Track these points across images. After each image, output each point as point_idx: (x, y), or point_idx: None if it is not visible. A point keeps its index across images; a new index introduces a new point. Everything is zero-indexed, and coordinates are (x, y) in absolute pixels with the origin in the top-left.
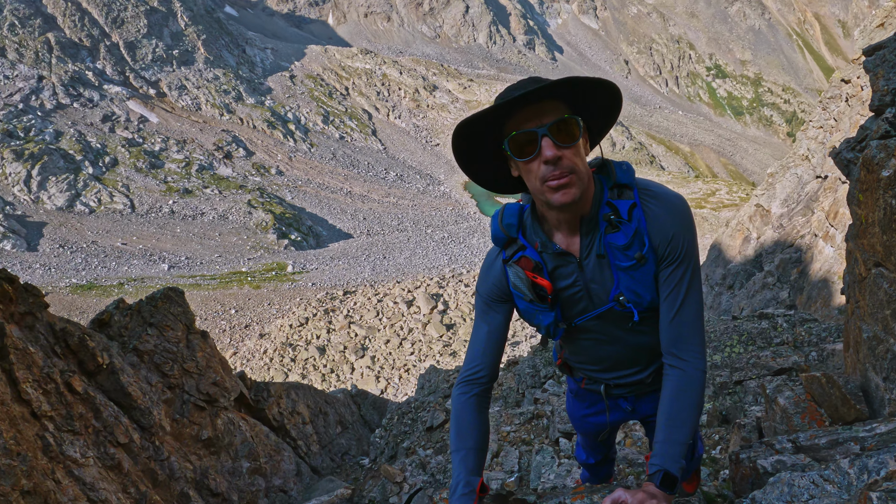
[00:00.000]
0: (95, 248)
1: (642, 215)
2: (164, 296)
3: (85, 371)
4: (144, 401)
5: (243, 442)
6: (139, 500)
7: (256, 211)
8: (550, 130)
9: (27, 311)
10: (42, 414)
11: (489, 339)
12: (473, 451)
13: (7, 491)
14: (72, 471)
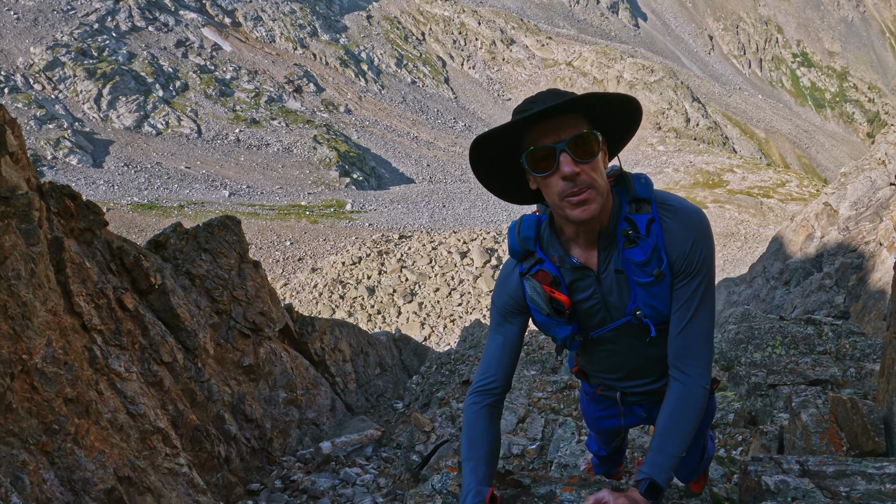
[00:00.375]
0: (159, 170)
1: (660, 230)
2: (221, 223)
3: (137, 289)
4: (192, 323)
5: (283, 372)
6: (176, 418)
7: (321, 147)
8: (569, 146)
9: (87, 227)
10: (92, 327)
11: (503, 351)
12: (484, 461)
13: (51, 397)
14: (115, 383)
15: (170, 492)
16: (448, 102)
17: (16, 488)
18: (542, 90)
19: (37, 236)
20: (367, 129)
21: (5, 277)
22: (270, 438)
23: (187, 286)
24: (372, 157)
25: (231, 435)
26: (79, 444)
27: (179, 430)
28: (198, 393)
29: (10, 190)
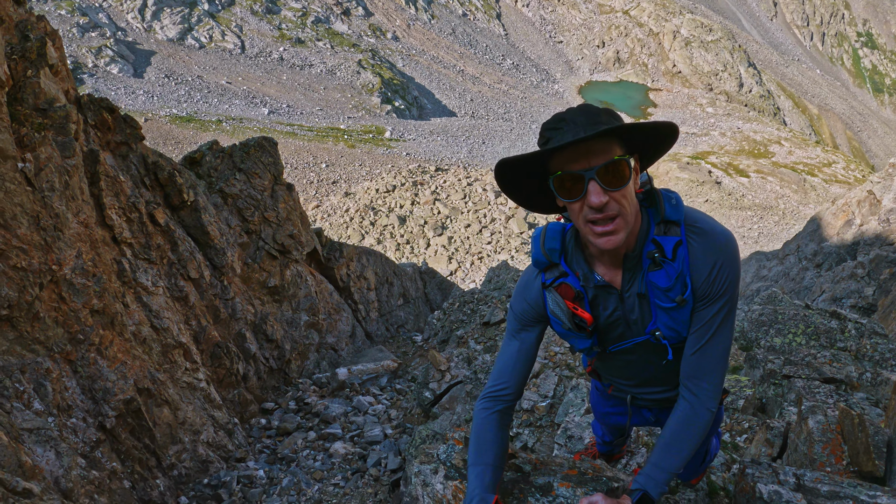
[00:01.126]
0: (200, 83)
1: (686, 254)
2: (258, 144)
3: (169, 205)
4: (221, 241)
5: (307, 296)
6: (198, 333)
7: (365, 72)
8: (599, 174)
9: (123, 141)
10: (122, 240)
11: (518, 358)
12: (491, 467)
13: (78, 308)
14: (141, 297)
15: (186, 405)
16: (498, 39)
17: (38, 395)
18: (576, 107)
19: (73, 149)
20: (413, 58)
21: (39, 189)
22: (289, 360)
23: (219, 204)
24: (415, 86)
25: (251, 353)
26: (102, 354)
27: (201, 346)
28: (221, 310)
29: (48, 102)
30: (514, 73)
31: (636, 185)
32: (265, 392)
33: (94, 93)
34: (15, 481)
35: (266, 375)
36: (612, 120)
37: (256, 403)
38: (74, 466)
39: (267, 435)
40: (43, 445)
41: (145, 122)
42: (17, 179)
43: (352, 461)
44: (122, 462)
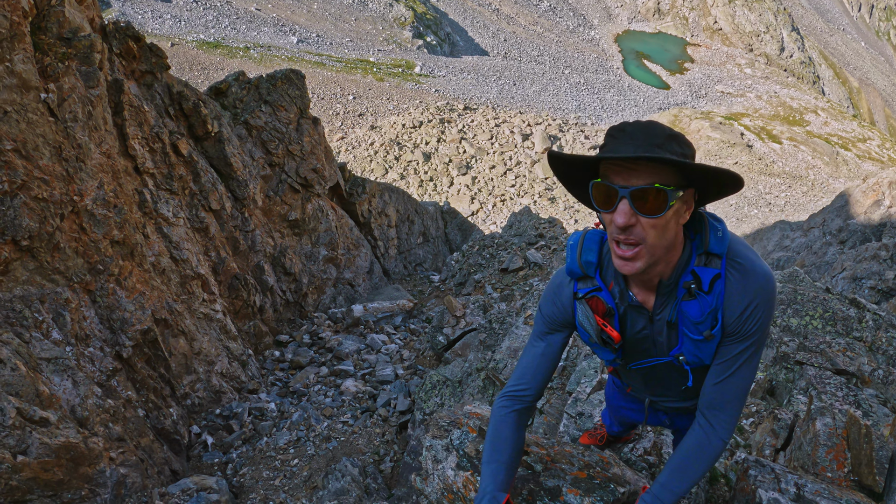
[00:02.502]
0: (228, 9)
1: (723, 289)
2: (285, 76)
3: (193, 135)
4: (244, 173)
5: (327, 230)
6: (217, 264)
7: (398, 5)
8: (633, 195)
9: (148, 70)
10: (145, 171)
11: (542, 361)
12: (505, 465)
13: (98, 238)
14: (161, 228)
15: (202, 336)
16: None
17: (57, 324)
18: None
19: (96, 79)
20: None
21: (62, 120)
22: (305, 294)
23: (243, 136)
24: (449, 22)
25: (268, 286)
26: (121, 284)
27: (219, 277)
28: (241, 242)
29: (72, 31)
30: (550, 16)
31: (682, 218)
32: (280, 324)
33: (120, 17)
34: (32, 410)
35: (282, 308)
36: (673, 147)
37: (271, 335)
38: (90, 395)
39: (280, 368)
40: (60, 375)
41: (172, 47)
42: (39, 110)
43: (362, 400)
44: (136, 391)
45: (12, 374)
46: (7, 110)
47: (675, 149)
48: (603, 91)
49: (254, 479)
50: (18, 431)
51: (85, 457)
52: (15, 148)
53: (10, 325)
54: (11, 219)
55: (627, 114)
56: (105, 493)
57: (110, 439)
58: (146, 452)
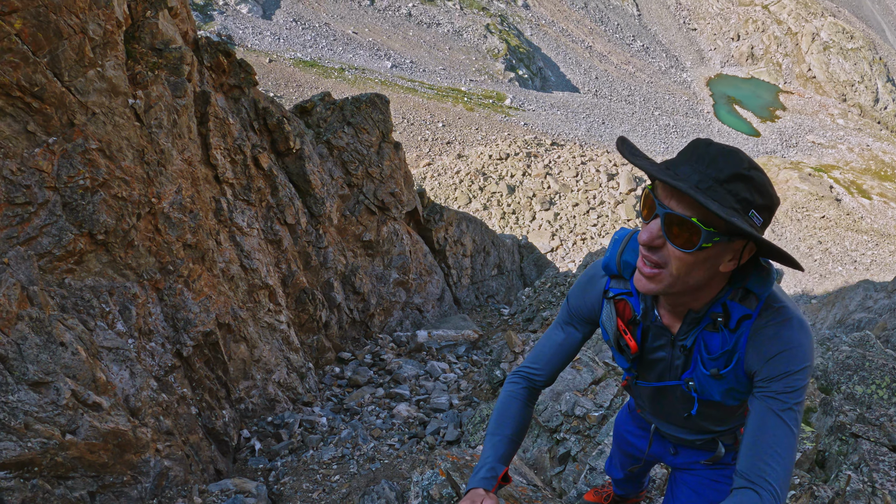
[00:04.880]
0: (326, 31)
1: (748, 331)
2: (370, 100)
3: (275, 150)
4: (321, 191)
5: (400, 254)
6: (287, 277)
7: (492, 37)
8: (667, 219)
9: (236, 84)
10: (224, 180)
11: (559, 351)
12: (507, 439)
13: (171, 241)
14: (234, 236)
15: (264, 344)
16: (630, 18)
17: (122, 317)
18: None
19: (184, 89)
20: (542, 28)
21: (147, 125)
22: (372, 314)
23: (325, 155)
24: (541, 57)
25: (336, 303)
26: (189, 286)
27: (287, 290)
28: (313, 257)
29: (164, 43)
30: (642, 56)
31: (723, 265)
32: (344, 342)
33: (222, 30)
34: (87, 394)
35: (348, 326)
36: (738, 189)
37: (333, 351)
38: (146, 387)
39: (338, 384)
40: (119, 364)
41: (269, 63)
42: (126, 114)
43: (412, 425)
44: (192, 389)
45: (72, 357)
46: (95, 112)
47: (740, 191)
48: (691, 135)
49: (293, 489)
50: (70, 412)
51: (132, 444)
52: (99, 148)
53: (77, 311)
54: (90, 213)
55: None
56: (146, 481)
57: (159, 431)
58: (193, 449)
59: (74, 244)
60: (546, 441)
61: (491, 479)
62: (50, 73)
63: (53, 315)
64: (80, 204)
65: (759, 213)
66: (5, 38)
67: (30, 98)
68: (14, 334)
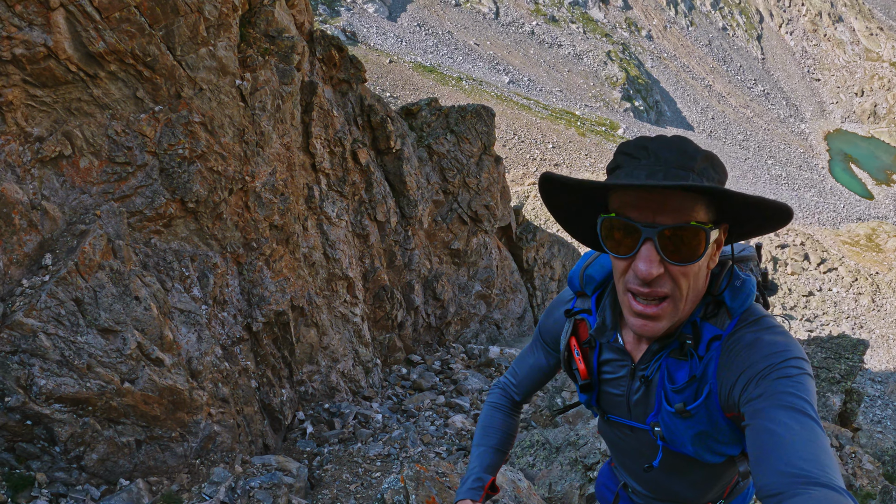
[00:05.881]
0: (449, 39)
1: (718, 356)
2: (476, 111)
3: (375, 148)
4: (416, 194)
5: (486, 267)
6: (368, 272)
7: (612, 64)
8: (661, 237)
9: (345, 79)
10: (320, 169)
11: (531, 374)
12: (492, 449)
13: (259, 219)
14: (322, 225)
15: (334, 333)
16: (753, 61)
17: (200, 283)
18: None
19: (291, 77)
20: (663, 61)
21: (251, 106)
22: (449, 322)
23: (424, 159)
24: (659, 90)
25: (414, 305)
26: (269, 265)
27: (367, 285)
28: (398, 257)
29: (277, 31)
30: (762, 101)
31: (712, 261)
32: (416, 345)
33: (347, 26)
34: (151, 349)
35: (422, 330)
36: (709, 171)
37: (404, 352)
38: (210, 353)
39: (402, 385)
40: (189, 327)
41: (389, 63)
42: (232, 94)
43: (464, 437)
44: (256, 363)
45: (144, 312)
46: (203, 88)
47: (711, 173)
48: (803, 189)
49: (333, 477)
50: (133, 362)
51: (185, 404)
52: (202, 122)
53: (157, 271)
54: (184, 181)
55: (824, 216)
56: (193, 441)
57: (215, 397)
58: (246, 420)
59: (165, 208)
60: (579, 478)
61: (478, 489)
62: (164, 46)
63: (134, 270)
64: (177, 172)
65: (724, 185)
66: (125, 8)
67: (142, 67)
68: (93, 281)
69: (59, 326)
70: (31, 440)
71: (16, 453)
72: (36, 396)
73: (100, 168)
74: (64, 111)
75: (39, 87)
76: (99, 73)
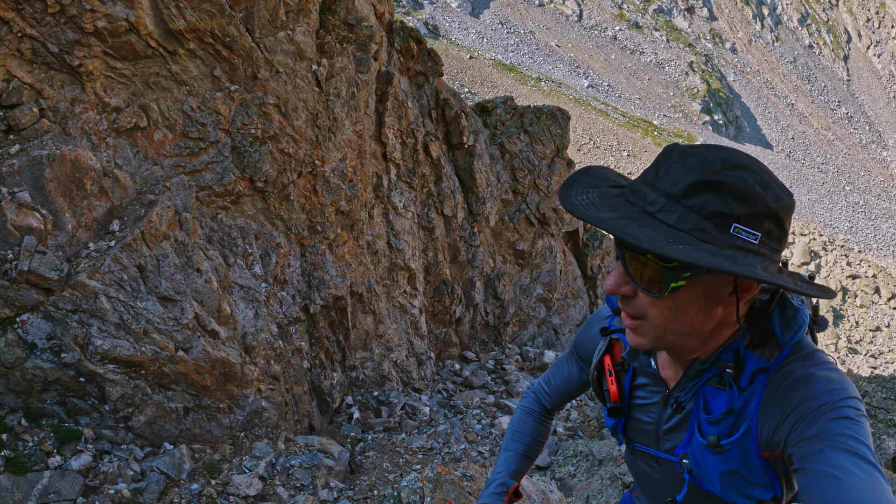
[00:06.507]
0: (530, 39)
1: (763, 388)
2: (551, 113)
3: (447, 142)
4: (485, 191)
5: (550, 271)
6: (430, 265)
7: (693, 75)
8: (627, 259)
9: (422, 71)
10: (391, 159)
11: (564, 385)
12: (520, 455)
13: (326, 203)
14: (388, 214)
15: (391, 322)
16: (838, 82)
17: (262, 261)
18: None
19: (367, 66)
20: (746, 76)
21: (326, 92)
22: (507, 322)
23: (496, 157)
24: (740, 105)
25: (474, 302)
26: (332, 250)
27: (428, 277)
28: (462, 253)
29: (357, 19)
30: (844, 125)
31: (717, 303)
32: (472, 342)
33: (429, 19)
34: (208, 320)
35: (479, 328)
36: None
37: (459, 348)
38: (265, 330)
39: (453, 381)
40: (247, 303)
41: (469, 59)
42: (308, 78)
43: None
44: (310, 345)
45: (205, 285)
46: (279, 70)
47: (707, 204)
48: (880, 220)
49: (373, 464)
50: (189, 332)
51: (236, 377)
52: (276, 104)
53: (221, 246)
54: (255, 161)
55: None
56: (240, 414)
57: (266, 374)
58: (294, 399)
59: (234, 185)
60: (617, 494)
61: (501, 494)
62: (243, 27)
63: (198, 243)
64: (248, 151)
65: (749, 226)
66: None
67: (220, 46)
68: (157, 250)
69: (121, 291)
70: (82, 396)
71: (66, 408)
72: (91, 355)
73: (173, 142)
74: (142, 84)
75: (119, 60)
76: (178, 49)
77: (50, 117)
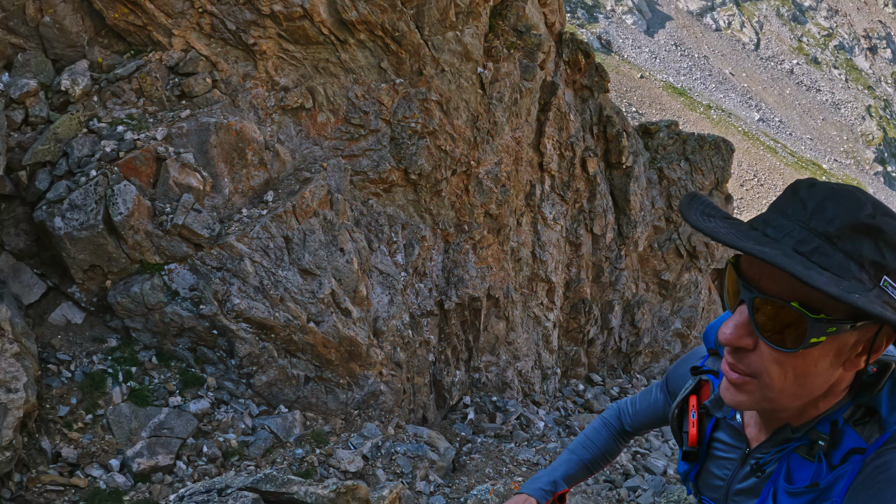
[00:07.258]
0: (704, 64)
1: (854, 472)
2: (714, 143)
3: (605, 159)
4: (637, 215)
5: (692, 307)
6: (571, 281)
7: (870, 121)
8: (756, 305)
9: (587, 85)
10: (547, 169)
11: (649, 411)
12: (583, 463)
13: (476, 204)
14: (536, 224)
15: (522, 332)
16: None
17: (405, 251)
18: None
19: (533, 74)
20: None
21: (489, 95)
22: (640, 352)
23: (653, 181)
24: None
25: (609, 325)
26: (475, 251)
27: (567, 293)
28: (605, 274)
29: (526, 27)
30: None
31: (849, 363)
32: (601, 365)
33: (603, 34)
34: (343, 298)
35: (611, 352)
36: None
37: (586, 369)
38: (397, 318)
39: (574, 400)
40: (384, 288)
41: (640, 79)
42: (472, 80)
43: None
44: (438, 339)
45: (346, 265)
46: (444, 69)
47: (864, 251)
48: None
49: (476, 467)
50: (323, 306)
51: (361, 357)
52: (439, 101)
53: (367, 230)
54: (412, 153)
55: None
56: (358, 393)
57: (390, 360)
58: (413, 388)
59: (389, 174)
60: None
61: (548, 493)
62: (413, 24)
63: (345, 224)
64: (406, 143)
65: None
66: None
67: (389, 40)
68: (305, 225)
69: (265, 257)
70: (212, 347)
71: (196, 355)
72: (228, 312)
73: (335, 125)
74: (311, 68)
75: (292, 43)
76: (349, 39)
77: (221, 88)
